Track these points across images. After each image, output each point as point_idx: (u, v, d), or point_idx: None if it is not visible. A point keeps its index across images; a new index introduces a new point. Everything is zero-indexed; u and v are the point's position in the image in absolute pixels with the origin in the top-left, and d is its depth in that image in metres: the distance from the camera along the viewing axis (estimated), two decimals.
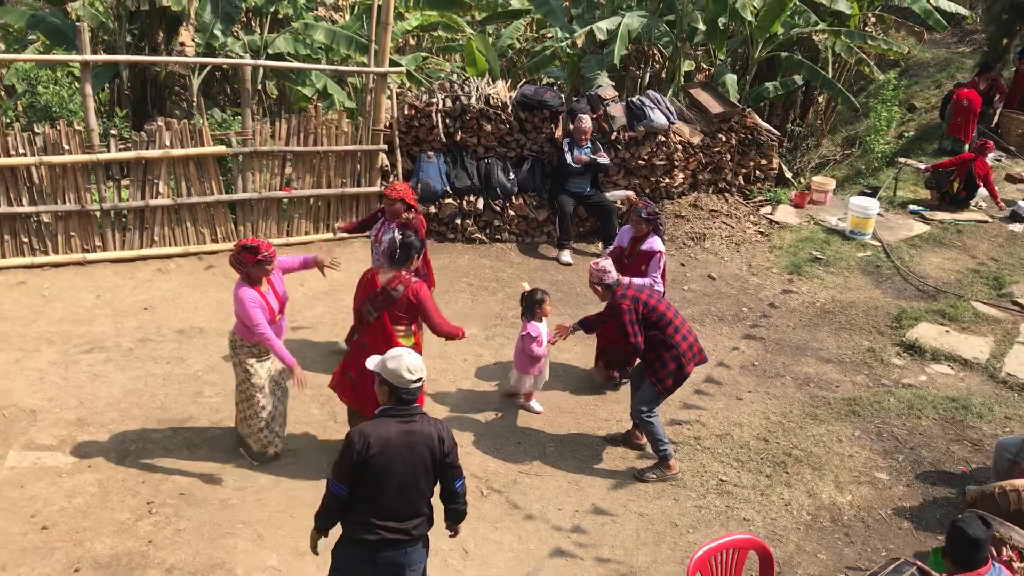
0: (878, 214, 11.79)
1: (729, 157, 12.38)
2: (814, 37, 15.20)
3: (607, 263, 6.97)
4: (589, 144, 10.92)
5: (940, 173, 12.58)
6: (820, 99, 17.48)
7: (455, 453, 4.62)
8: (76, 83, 10.38)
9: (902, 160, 13.68)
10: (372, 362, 4.56)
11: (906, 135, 15.55)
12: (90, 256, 9.61)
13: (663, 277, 8.00)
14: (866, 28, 16.29)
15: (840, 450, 7.44)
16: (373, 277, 6.57)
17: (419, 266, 6.92)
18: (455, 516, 4.85)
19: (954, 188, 12.50)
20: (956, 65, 18.05)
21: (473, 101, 10.96)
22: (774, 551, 6.18)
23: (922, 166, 13.42)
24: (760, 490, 6.90)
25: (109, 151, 9.44)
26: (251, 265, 6.27)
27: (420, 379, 4.50)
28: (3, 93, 14.39)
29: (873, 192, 12.81)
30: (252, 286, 6.35)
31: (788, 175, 13.38)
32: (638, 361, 7.18)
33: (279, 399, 6.72)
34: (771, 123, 14.84)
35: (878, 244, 11.43)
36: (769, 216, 12.21)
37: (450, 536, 5.06)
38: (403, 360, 4.45)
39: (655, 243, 7.82)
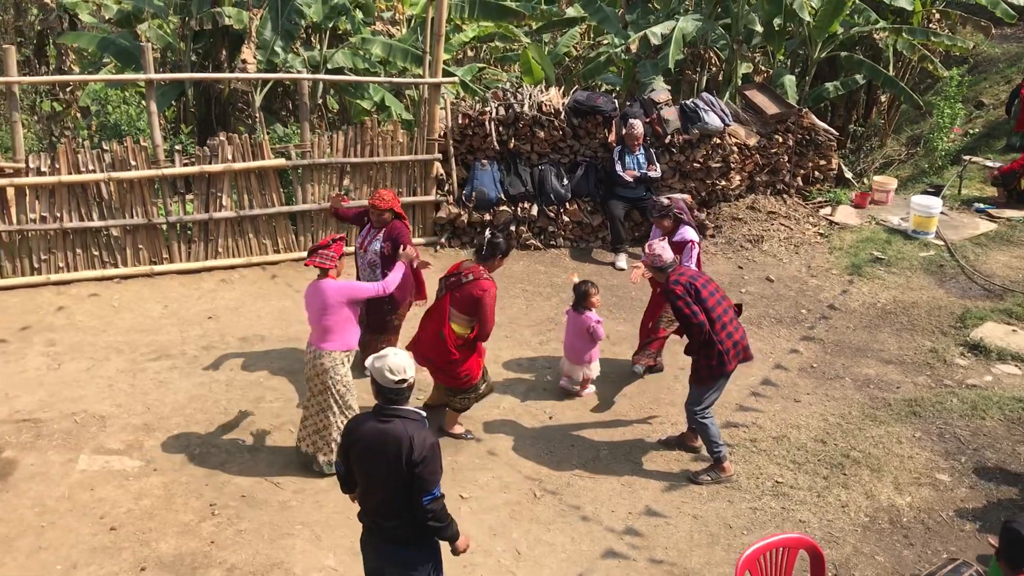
0: (941, 213, 11.53)
1: (787, 158, 12.25)
2: (874, 35, 14.96)
3: (661, 246, 6.82)
4: (642, 150, 10.93)
5: (1009, 172, 12.28)
6: (883, 98, 17.18)
7: (428, 466, 4.42)
8: (144, 102, 10.75)
9: (967, 158, 13.37)
10: (369, 359, 4.62)
11: (972, 132, 15.18)
12: (157, 268, 9.94)
13: (699, 266, 7.96)
14: (930, 25, 15.97)
15: (900, 451, 7.30)
16: (458, 264, 7.06)
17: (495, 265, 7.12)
18: (432, 532, 4.61)
19: (1022, 185, 12.18)
20: None
21: (526, 109, 11.05)
22: (830, 553, 6.14)
23: (990, 163, 13.09)
24: (817, 492, 6.82)
25: (174, 166, 9.77)
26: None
27: (402, 380, 4.48)
28: (78, 114, 14.95)
29: (936, 191, 12.54)
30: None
31: (848, 175, 13.17)
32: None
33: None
34: (832, 123, 14.65)
35: (941, 243, 11.19)
36: (829, 217, 12.04)
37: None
38: (387, 360, 4.49)
39: (686, 233, 7.87)
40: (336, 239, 6.65)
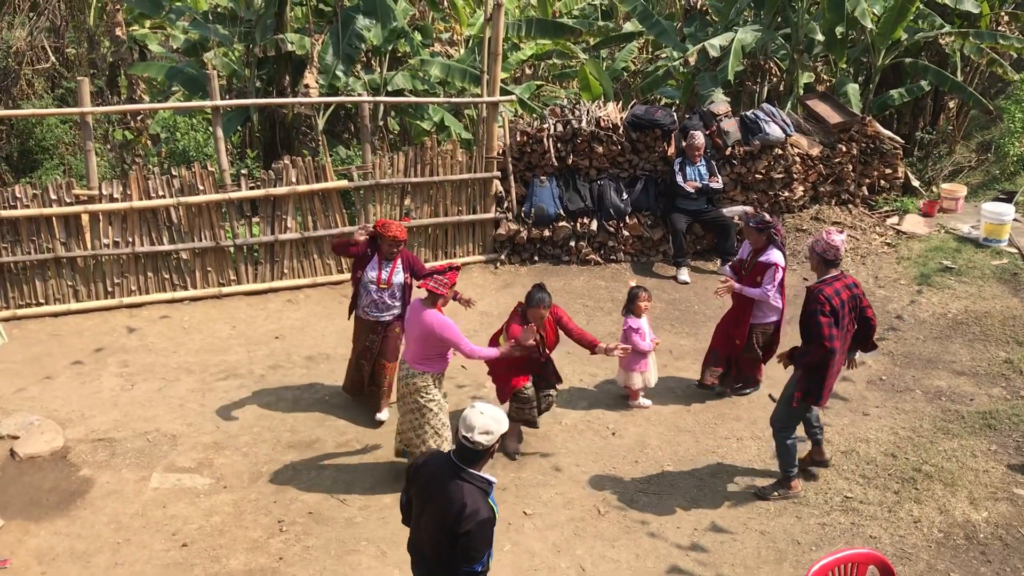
0: (1014, 219, 11.22)
1: (851, 168, 12.06)
2: (940, 40, 14.64)
3: (841, 239, 6.46)
4: (703, 161, 10.86)
5: None
6: (951, 104, 16.78)
7: (472, 540, 4.25)
8: (211, 128, 11.04)
9: None
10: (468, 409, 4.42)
11: None
12: (225, 289, 10.17)
13: (783, 292, 7.84)
14: (999, 27, 15.56)
15: (975, 465, 7.10)
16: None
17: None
18: None
19: None
20: None
21: (584, 124, 11.08)
22: (902, 569, 6.00)
23: None
24: (887, 507, 6.67)
25: (240, 190, 10.00)
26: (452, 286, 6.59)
27: (476, 442, 4.24)
28: (148, 141, 15.40)
29: (1008, 197, 12.20)
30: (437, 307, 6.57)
31: (916, 184, 12.89)
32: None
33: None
34: (898, 131, 14.36)
35: (1015, 251, 10.88)
36: (896, 226, 11.80)
37: None
38: (468, 414, 4.30)
39: (772, 255, 7.68)
40: (453, 267, 6.64)
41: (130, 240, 9.74)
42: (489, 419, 4.26)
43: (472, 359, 6.83)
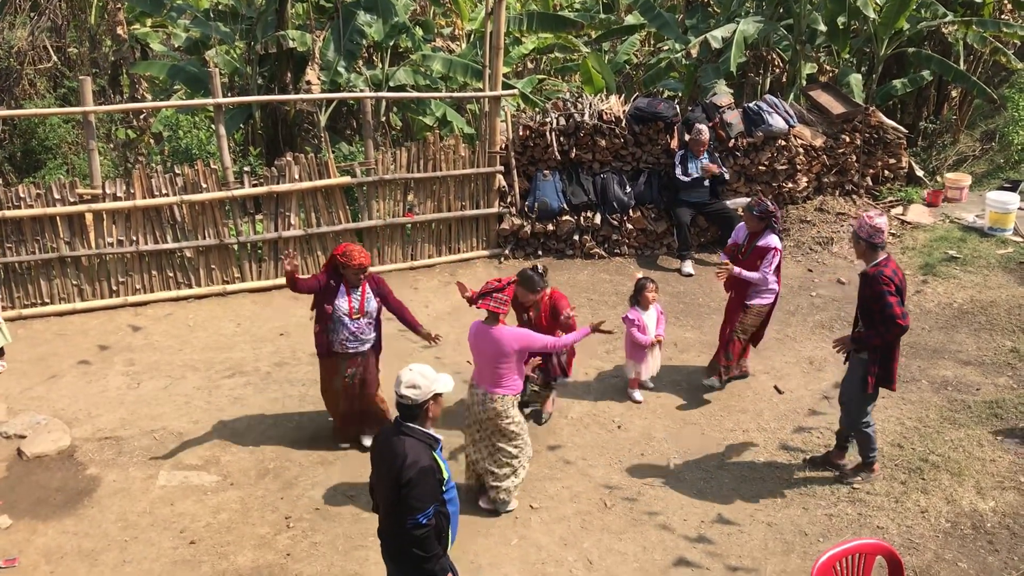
0: (1019, 208, 11.18)
1: (855, 158, 12.02)
2: (943, 30, 14.59)
3: (883, 221, 6.35)
4: (706, 155, 10.83)
5: None
6: (954, 93, 16.72)
7: (414, 491, 4.36)
8: (213, 126, 11.04)
9: None
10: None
11: None
12: (230, 287, 10.19)
13: (778, 276, 7.84)
14: (1002, 16, 15.50)
15: (981, 455, 7.09)
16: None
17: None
18: (415, 560, 4.49)
19: None
20: None
21: (586, 118, 11.06)
22: (910, 559, 5.99)
23: None
24: (895, 497, 6.66)
25: (243, 187, 10.00)
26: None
27: (405, 396, 4.44)
28: (151, 140, 15.42)
29: (1014, 186, 12.16)
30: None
31: (920, 173, 12.85)
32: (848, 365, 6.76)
33: None
34: (902, 121, 14.32)
35: (1020, 240, 10.84)
36: (900, 216, 11.76)
37: None
38: (401, 372, 4.54)
39: (770, 240, 7.70)
40: (510, 282, 6.34)
41: (134, 239, 9.75)
42: (416, 375, 4.47)
43: (563, 348, 6.82)
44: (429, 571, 4.53)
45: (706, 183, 10.84)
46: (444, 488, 4.56)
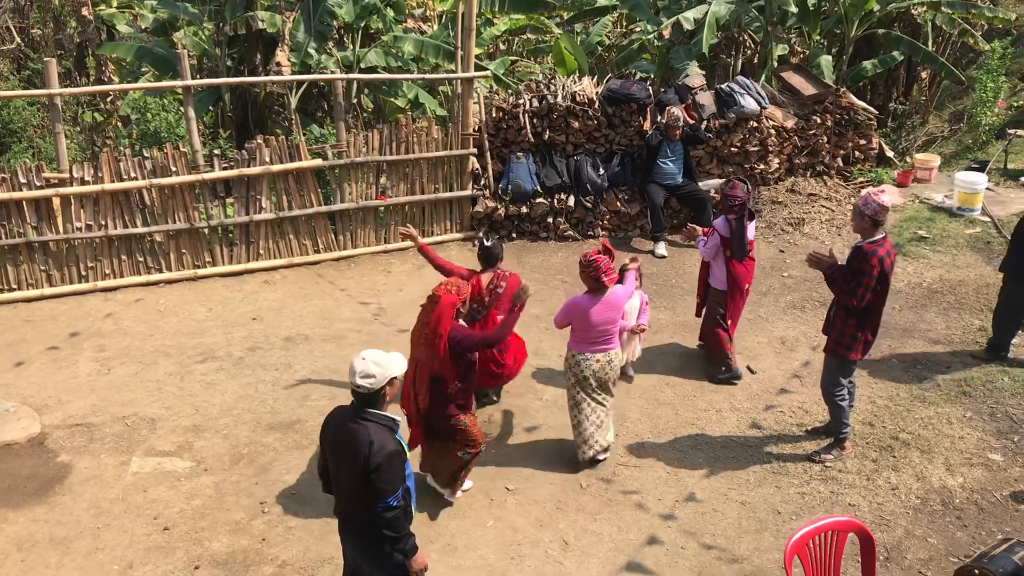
0: (987, 188, 11.31)
1: (826, 139, 12.10)
2: (912, 11, 14.68)
3: (888, 199, 6.40)
4: (680, 145, 10.82)
5: None
6: (924, 75, 16.86)
7: (383, 475, 4.37)
8: (182, 108, 10.90)
9: (1012, 131, 13.09)
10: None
11: (1016, 105, 14.85)
12: (201, 271, 10.09)
13: (730, 266, 7.81)
14: None
15: (950, 432, 7.19)
16: (477, 281, 7.03)
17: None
18: (386, 541, 4.54)
19: None
20: None
21: (559, 100, 11.03)
22: (881, 536, 6.07)
23: None
24: (866, 475, 6.74)
25: (213, 170, 9.89)
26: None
27: (362, 385, 4.43)
28: (119, 123, 15.20)
29: (981, 166, 12.30)
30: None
31: (890, 154, 12.96)
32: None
33: None
34: (872, 102, 14.42)
35: (988, 219, 10.98)
36: None
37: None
38: (354, 362, 4.48)
39: (716, 221, 7.83)
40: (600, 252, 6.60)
41: (103, 223, 9.62)
42: (370, 364, 4.44)
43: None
44: (401, 550, 4.57)
45: (679, 165, 10.87)
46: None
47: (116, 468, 6.91)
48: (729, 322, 8.05)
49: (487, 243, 7.26)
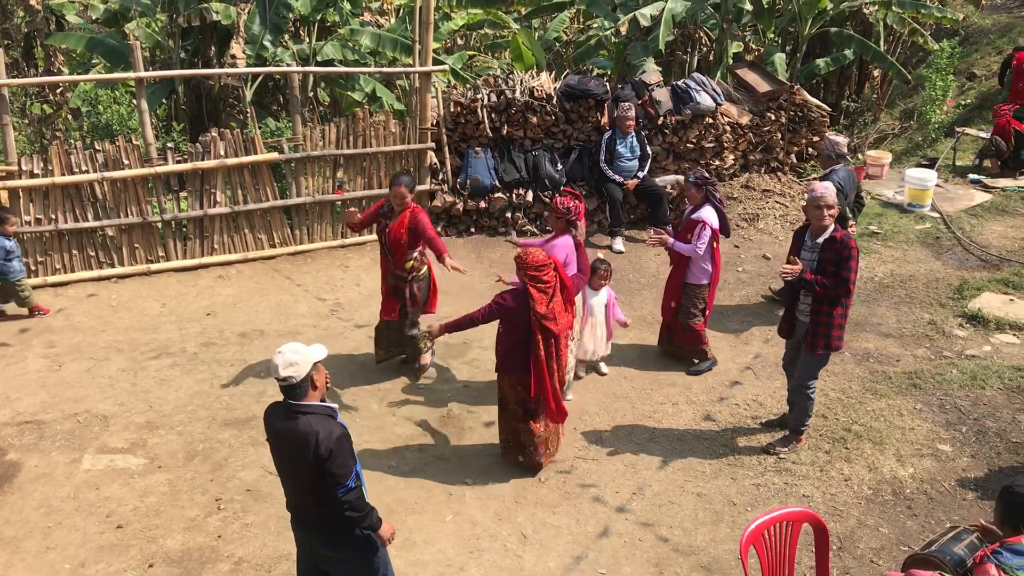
0: (936, 185, 11.54)
1: (780, 136, 12.26)
2: (864, 10, 14.92)
3: (830, 193, 6.65)
4: (633, 134, 10.90)
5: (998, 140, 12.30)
6: (875, 73, 17.16)
7: (336, 460, 4.36)
8: (134, 101, 10.72)
9: (960, 129, 13.37)
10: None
11: (964, 104, 15.18)
12: (154, 266, 9.94)
13: (716, 258, 7.92)
14: None
15: (901, 424, 7.33)
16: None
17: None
18: (351, 522, 4.55)
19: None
20: (1018, 30, 17.50)
21: (518, 95, 11.03)
22: (834, 526, 6.17)
23: (983, 134, 13.08)
24: (819, 466, 6.85)
25: (167, 164, 9.75)
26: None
27: (287, 378, 4.39)
28: (69, 115, 14.90)
29: (931, 163, 12.55)
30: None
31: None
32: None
33: None
34: (825, 100, 14.65)
35: (937, 216, 11.21)
36: None
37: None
38: (274, 359, 4.44)
39: (703, 213, 7.80)
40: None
41: (53, 217, 9.43)
42: (289, 354, 4.41)
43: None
44: (368, 526, 4.59)
45: (636, 160, 10.93)
46: None
47: (67, 466, 6.79)
48: (708, 312, 8.16)
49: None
